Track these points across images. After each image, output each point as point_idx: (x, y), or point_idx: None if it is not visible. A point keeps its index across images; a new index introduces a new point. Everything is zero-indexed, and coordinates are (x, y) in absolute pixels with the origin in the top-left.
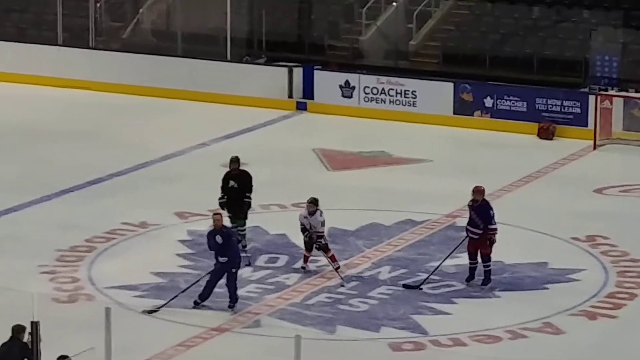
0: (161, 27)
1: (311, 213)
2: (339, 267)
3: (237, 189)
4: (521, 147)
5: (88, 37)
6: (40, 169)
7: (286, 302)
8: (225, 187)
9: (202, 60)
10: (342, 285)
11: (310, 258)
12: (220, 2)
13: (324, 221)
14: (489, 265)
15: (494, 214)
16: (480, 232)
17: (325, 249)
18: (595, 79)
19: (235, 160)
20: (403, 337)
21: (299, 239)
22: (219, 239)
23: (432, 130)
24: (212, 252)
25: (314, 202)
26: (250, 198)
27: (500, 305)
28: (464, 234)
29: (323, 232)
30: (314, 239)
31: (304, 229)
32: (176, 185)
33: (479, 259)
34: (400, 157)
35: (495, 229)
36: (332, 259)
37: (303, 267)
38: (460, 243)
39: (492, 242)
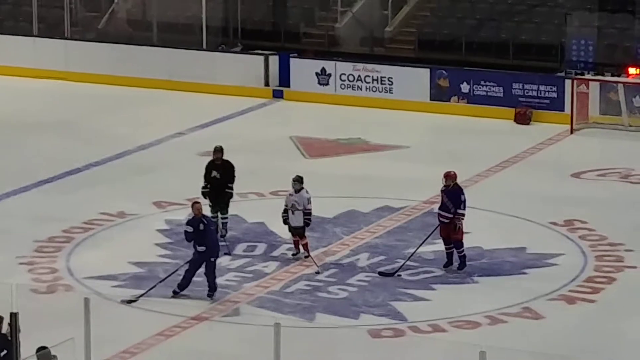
0: (137, 16)
1: (297, 190)
2: (308, 256)
3: (219, 179)
4: (498, 133)
5: (63, 27)
6: (17, 160)
7: (265, 290)
8: (207, 177)
9: (178, 49)
10: (317, 273)
11: (288, 246)
12: None
13: (310, 198)
14: (462, 251)
15: (465, 199)
16: (451, 216)
17: (302, 234)
18: (572, 63)
19: (218, 150)
20: (382, 324)
21: (277, 227)
22: (197, 227)
23: (409, 117)
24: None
25: (299, 179)
26: (232, 189)
27: (479, 290)
28: (437, 221)
29: (310, 209)
30: (295, 225)
31: (285, 211)
32: (154, 175)
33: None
34: (377, 143)
35: (463, 214)
36: (305, 247)
37: (294, 254)
38: (433, 231)
39: (456, 226)
